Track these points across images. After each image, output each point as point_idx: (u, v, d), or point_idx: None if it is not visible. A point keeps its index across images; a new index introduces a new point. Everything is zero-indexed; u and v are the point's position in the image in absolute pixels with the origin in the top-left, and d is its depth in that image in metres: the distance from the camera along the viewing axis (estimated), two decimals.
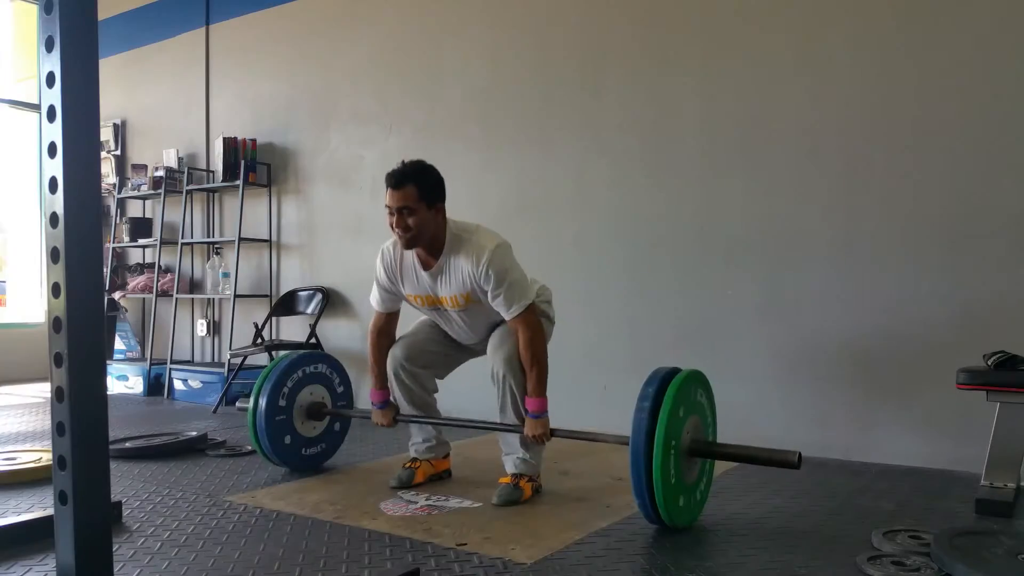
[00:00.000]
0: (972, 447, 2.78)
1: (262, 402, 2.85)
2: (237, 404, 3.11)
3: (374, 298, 2.78)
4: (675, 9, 3.70)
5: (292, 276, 5.08)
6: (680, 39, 3.69)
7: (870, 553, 2.01)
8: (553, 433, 2.54)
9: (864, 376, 3.23)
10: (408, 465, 2.84)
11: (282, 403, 2.90)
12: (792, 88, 3.38)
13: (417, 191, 2.48)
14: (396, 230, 2.51)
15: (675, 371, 2.25)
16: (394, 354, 2.79)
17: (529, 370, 2.52)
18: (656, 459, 2.07)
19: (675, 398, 2.13)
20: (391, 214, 2.50)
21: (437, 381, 2.91)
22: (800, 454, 2.12)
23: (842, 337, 3.27)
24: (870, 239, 3.22)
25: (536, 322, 2.56)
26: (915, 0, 3.13)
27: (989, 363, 2.54)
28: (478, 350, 2.82)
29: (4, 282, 6.82)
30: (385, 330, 2.82)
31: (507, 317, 2.54)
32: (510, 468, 2.66)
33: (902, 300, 3.16)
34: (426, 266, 2.59)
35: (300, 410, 2.98)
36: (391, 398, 2.85)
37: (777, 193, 3.42)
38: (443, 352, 2.83)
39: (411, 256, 2.61)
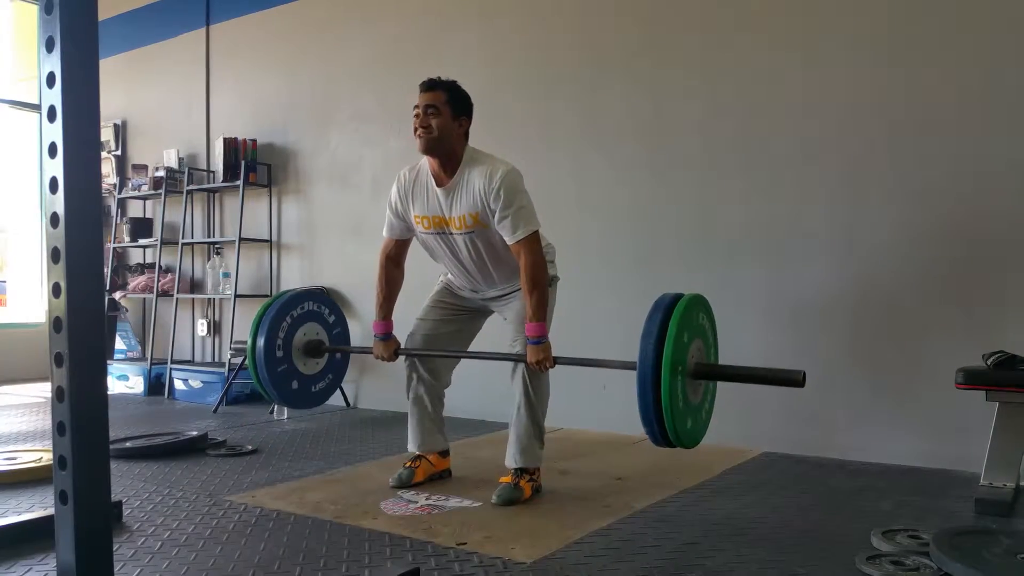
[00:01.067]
0: (971, 447, 2.78)
1: (260, 360, 2.82)
2: (232, 346, 3.06)
3: (385, 225, 2.77)
4: (676, 8, 3.70)
5: (292, 276, 5.08)
6: (681, 38, 3.69)
7: (869, 553, 2.02)
8: (556, 361, 2.53)
9: (864, 376, 3.23)
10: (409, 464, 2.84)
11: (279, 354, 2.87)
12: (792, 87, 3.38)
13: (446, 96, 2.57)
14: (418, 131, 2.54)
15: (678, 297, 2.24)
16: (407, 346, 2.80)
17: (529, 294, 2.52)
18: (664, 385, 2.08)
19: (679, 324, 2.13)
20: (416, 116, 2.55)
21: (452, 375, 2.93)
22: (804, 373, 2.11)
23: (842, 336, 3.28)
24: (870, 238, 3.22)
25: (539, 250, 2.56)
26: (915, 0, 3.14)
27: (988, 363, 2.54)
28: (481, 306, 2.82)
29: (4, 282, 6.82)
30: (394, 257, 2.79)
31: (510, 240, 2.54)
32: (510, 463, 2.65)
33: (902, 299, 3.16)
34: (439, 182, 2.60)
35: (299, 353, 2.95)
36: (393, 331, 2.82)
37: (777, 191, 3.42)
38: (451, 331, 2.83)
39: (425, 175, 2.63)
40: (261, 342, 2.82)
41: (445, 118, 2.54)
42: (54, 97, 1.32)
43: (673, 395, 2.09)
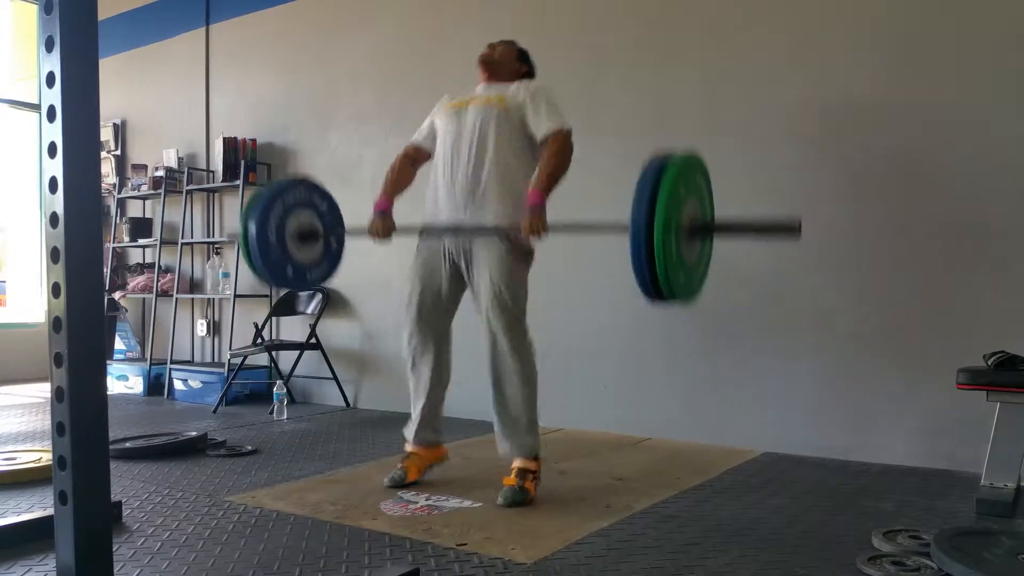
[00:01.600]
0: (972, 447, 2.78)
1: (254, 245, 2.75)
2: (228, 235, 3.01)
3: (418, 132, 2.91)
4: (676, 7, 3.70)
5: None
6: (681, 37, 3.69)
7: (870, 553, 2.01)
8: (549, 227, 2.53)
9: (864, 376, 3.23)
10: (402, 465, 2.83)
11: (272, 239, 2.80)
12: (792, 86, 3.38)
13: (516, 48, 2.85)
14: (484, 50, 2.78)
15: (673, 153, 2.19)
16: (409, 317, 2.78)
17: (548, 160, 2.54)
18: (656, 240, 2.03)
19: (675, 179, 2.08)
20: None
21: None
22: (800, 221, 2.07)
23: (842, 337, 3.27)
24: (870, 238, 3.22)
25: (570, 147, 2.60)
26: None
27: (989, 363, 2.54)
28: (455, 265, 2.74)
29: (4, 282, 6.82)
30: (411, 156, 2.89)
31: (542, 131, 2.59)
32: (503, 450, 2.64)
33: (902, 299, 3.16)
34: (485, 82, 2.78)
35: (293, 240, 2.87)
36: (392, 214, 2.84)
37: (777, 190, 3.41)
38: (438, 297, 2.78)
39: (476, 87, 2.80)
40: (253, 228, 2.75)
41: (509, 55, 2.80)
42: (54, 97, 1.32)
43: (667, 250, 2.04)
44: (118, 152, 6.01)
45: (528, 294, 2.69)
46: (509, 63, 2.80)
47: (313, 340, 4.69)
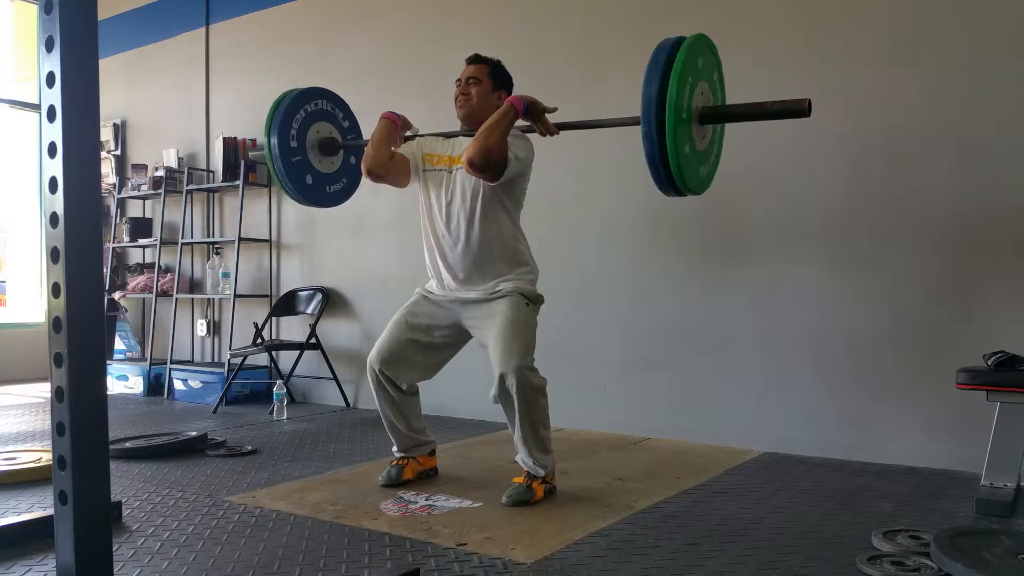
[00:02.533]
0: (972, 447, 2.78)
1: (274, 142, 2.86)
2: (249, 153, 3.08)
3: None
4: (677, 7, 3.69)
5: (292, 276, 5.08)
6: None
7: (870, 553, 2.01)
8: (560, 127, 2.53)
9: (864, 376, 3.23)
10: (396, 462, 2.83)
11: (293, 144, 2.90)
12: (792, 85, 3.37)
13: (488, 69, 2.71)
14: (458, 99, 2.67)
15: (680, 41, 2.14)
16: (371, 358, 2.79)
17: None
18: (668, 133, 2.02)
19: (682, 70, 2.05)
20: (458, 85, 2.68)
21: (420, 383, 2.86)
22: (810, 100, 2.06)
23: (842, 337, 3.27)
24: (870, 238, 3.22)
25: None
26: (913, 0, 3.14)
27: (989, 363, 2.54)
28: (455, 321, 2.71)
29: (4, 282, 6.82)
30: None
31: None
32: (519, 461, 2.63)
33: (902, 300, 3.16)
34: (470, 131, 2.64)
35: (313, 148, 2.98)
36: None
37: (777, 190, 3.42)
38: (422, 348, 2.75)
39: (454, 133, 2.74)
40: (275, 134, 2.86)
41: (484, 88, 2.67)
42: (54, 97, 1.32)
43: (679, 143, 2.03)
44: (118, 152, 6.01)
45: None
46: (487, 104, 2.63)
47: (313, 340, 4.69)
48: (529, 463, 2.61)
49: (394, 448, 2.88)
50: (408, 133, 2.83)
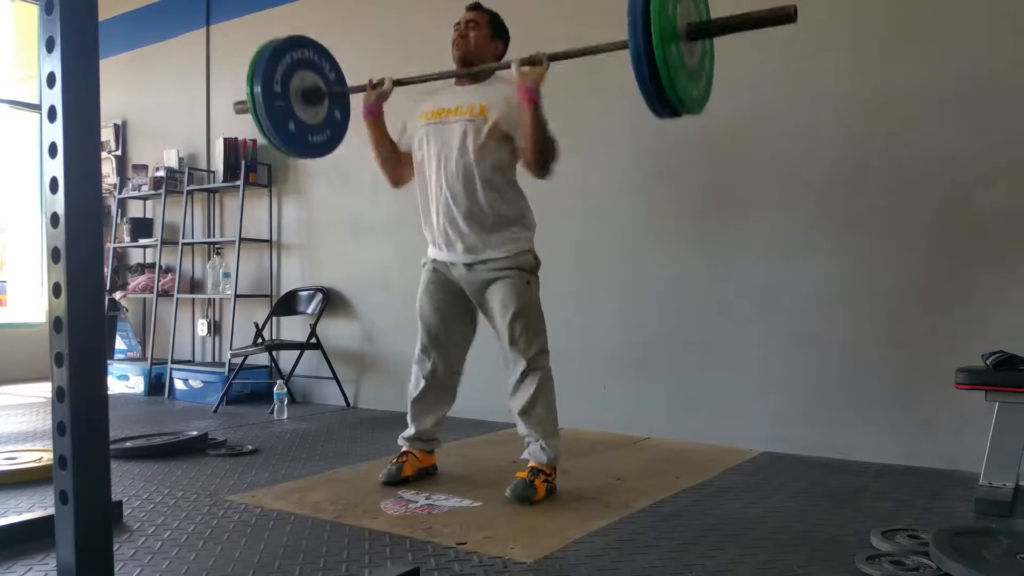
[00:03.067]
0: (971, 447, 2.78)
1: (257, 89, 2.77)
2: (234, 105, 3.02)
3: (394, 132, 2.87)
4: None
5: (292, 276, 5.09)
6: None
7: (869, 552, 2.02)
8: (551, 58, 2.56)
9: (863, 376, 3.23)
10: (396, 460, 2.84)
11: (277, 89, 2.81)
12: (791, 85, 3.38)
13: (488, 17, 2.76)
14: (456, 42, 2.70)
15: None
16: (419, 353, 2.83)
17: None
18: (658, 55, 2.00)
19: None
20: (456, 29, 2.71)
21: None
22: (795, 6, 2.04)
23: (841, 336, 3.28)
24: (870, 238, 3.22)
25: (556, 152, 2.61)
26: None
27: (988, 363, 2.54)
28: (462, 293, 2.74)
29: (4, 282, 6.83)
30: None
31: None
32: (528, 455, 2.67)
33: (901, 299, 3.16)
34: (461, 84, 2.72)
35: (296, 96, 2.89)
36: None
37: (777, 190, 3.42)
38: (452, 324, 2.79)
39: (444, 85, 2.76)
40: (259, 81, 2.77)
41: (483, 34, 2.71)
42: (54, 97, 1.32)
43: (671, 63, 2.01)
44: (119, 152, 6.02)
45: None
46: (485, 49, 2.72)
47: (313, 340, 4.69)
48: (537, 450, 2.64)
49: (402, 437, 2.88)
50: (387, 89, 2.86)
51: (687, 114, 2.19)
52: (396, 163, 2.83)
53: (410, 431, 2.88)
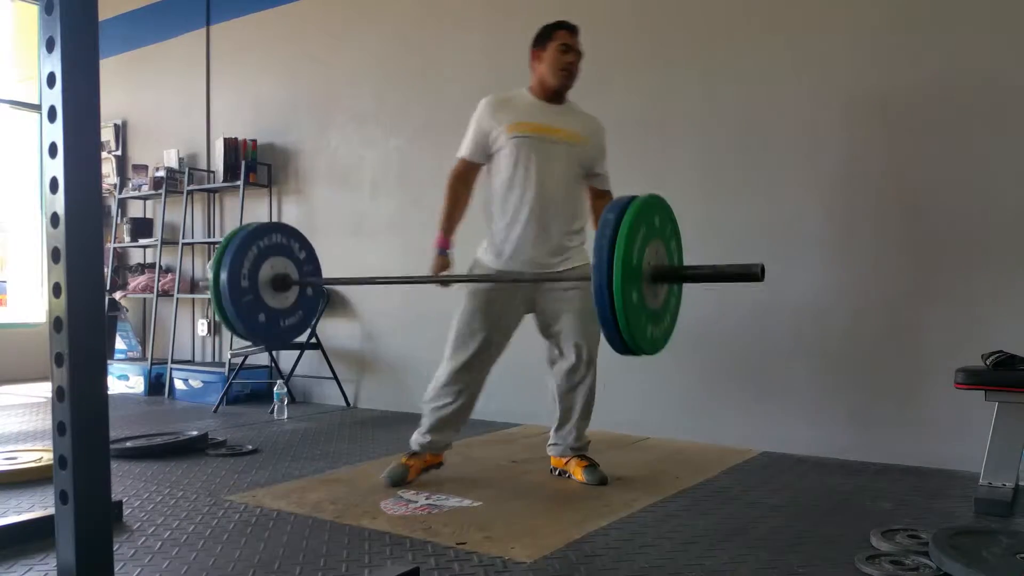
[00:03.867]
0: (971, 447, 2.78)
1: (224, 277, 2.62)
2: (200, 283, 2.89)
3: (465, 147, 2.79)
4: (677, 8, 3.70)
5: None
6: (682, 38, 3.69)
7: (869, 552, 2.02)
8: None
9: (863, 375, 3.23)
10: (405, 462, 2.82)
11: (244, 284, 2.68)
12: (792, 86, 3.38)
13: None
14: (568, 69, 2.73)
15: (631, 200, 2.12)
16: (463, 366, 2.79)
17: None
18: (616, 290, 1.98)
19: (632, 227, 2.02)
20: (567, 51, 2.72)
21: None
22: (763, 265, 2.03)
23: (841, 336, 3.28)
24: (870, 238, 3.22)
25: None
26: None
27: (988, 363, 2.54)
28: (519, 300, 2.79)
29: (4, 282, 6.83)
30: (465, 179, 2.80)
31: (604, 185, 2.88)
32: (574, 444, 2.89)
33: (901, 299, 3.16)
34: (550, 100, 2.76)
35: (266, 286, 2.75)
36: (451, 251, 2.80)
37: (776, 191, 3.42)
38: (501, 341, 2.83)
39: (522, 96, 2.79)
40: (224, 273, 2.63)
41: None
42: (54, 97, 1.32)
43: (627, 301, 1.99)
44: (119, 152, 6.02)
45: None
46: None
47: (313, 340, 4.69)
48: (572, 439, 2.87)
49: (415, 438, 2.84)
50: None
51: (640, 354, 2.16)
52: (460, 220, 2.83)
53: (426, 439, 2.82)
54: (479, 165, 2.79)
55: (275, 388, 4.42)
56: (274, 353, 4.92)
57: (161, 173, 5.48)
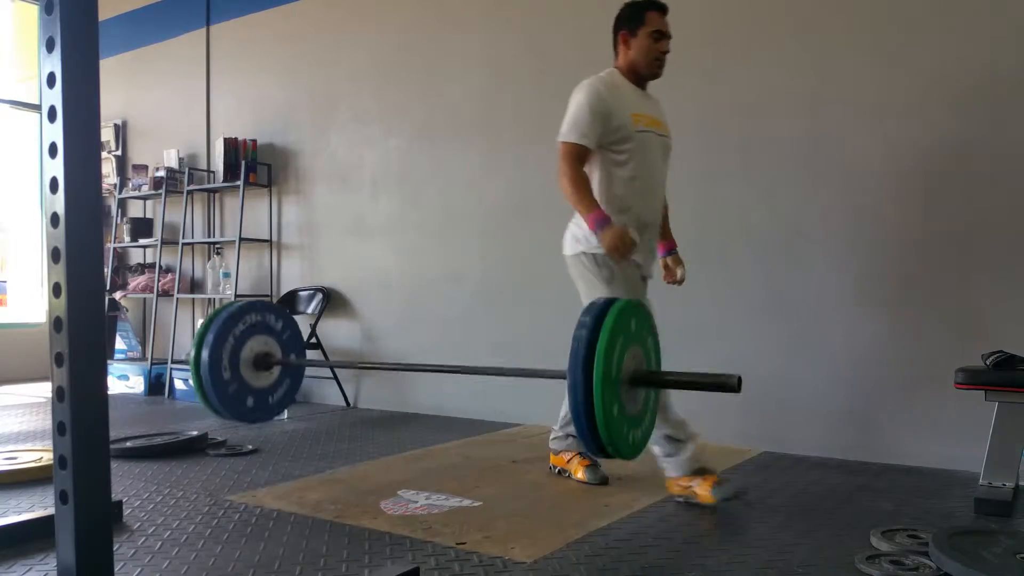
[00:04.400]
0: (971, 447, 2.78)
1: (208, 386, 2.47)
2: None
3: (580, 132, 2.54)
4: (676, 8, 3.69)
5: (292, 276, 5.09)
6: (681, 38, 3.68)
7: (869, 552, 2.02)
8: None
9: (863, 375, 3.23)
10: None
11: (227, 375, 2.53)
12: (792, 86, 3.38)
13: None
14: (655, 63, 2.62)
15: (610, 303, 2.08)
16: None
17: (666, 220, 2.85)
18: (596, 395, 1.94)
19: (611, 332, 1.98)
20: (659, 39, 2.61)
21: None
22: (740, 378, 1.99)
23: (840, 336, 3.28)
24: (870, 238, 3.22)
25: None
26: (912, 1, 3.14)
27: (988, 363, 2.54)
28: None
29: (4, 282, 6.83)
30: (584, 162, 2.59)
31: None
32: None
33: (901, 299, 3.16)
34: (640, 85, 2.68)
35: (248, 368, 2.59)
36: None
37: (777, 192, 3.42)
38: None
39: (623, 82, 2.65)
40: (205, 369, 2.48)
41: None
42: (54, 97, 1.32)
43: (607, 406, 1.96)
44: (119, 152, 6.02)
45: None
46: None
47: (313, 340, 4.69)
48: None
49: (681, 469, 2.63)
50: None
51: (620, 459, 2.11)
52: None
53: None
54: (590, 152, 2.57)
55: None
56: None
57: (161, 173, 5.49)
